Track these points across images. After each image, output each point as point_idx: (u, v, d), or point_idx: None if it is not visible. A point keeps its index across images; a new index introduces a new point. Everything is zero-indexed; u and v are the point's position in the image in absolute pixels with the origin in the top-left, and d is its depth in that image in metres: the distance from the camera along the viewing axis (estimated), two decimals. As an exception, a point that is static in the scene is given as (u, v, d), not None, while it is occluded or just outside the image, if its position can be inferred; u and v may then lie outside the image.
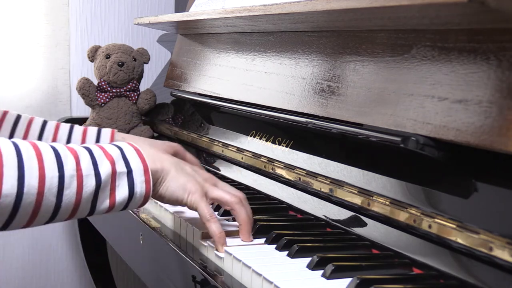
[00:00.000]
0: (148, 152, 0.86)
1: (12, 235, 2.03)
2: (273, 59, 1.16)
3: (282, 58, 1.13)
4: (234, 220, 0.94)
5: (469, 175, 0.72)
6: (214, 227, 0.84)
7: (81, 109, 2.03)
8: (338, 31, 0.99)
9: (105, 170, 0.79)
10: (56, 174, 0.75)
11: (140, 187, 0.82)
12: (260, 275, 0.71)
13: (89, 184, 0.78)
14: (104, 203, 0.80)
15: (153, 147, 1.10)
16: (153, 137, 1.63)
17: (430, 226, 0.74)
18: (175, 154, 1.14)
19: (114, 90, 1.60)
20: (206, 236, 0.87)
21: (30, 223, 0.76)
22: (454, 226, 0.70)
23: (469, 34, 0.74)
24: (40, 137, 1.18)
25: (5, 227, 0.75)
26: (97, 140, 1.19)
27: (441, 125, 0.74)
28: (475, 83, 0.72)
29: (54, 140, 1.17)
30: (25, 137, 1.17)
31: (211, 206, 0.88)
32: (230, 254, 0.78)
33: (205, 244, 0.86)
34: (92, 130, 1.21)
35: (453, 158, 0.75)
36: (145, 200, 0.83)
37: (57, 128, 1.19)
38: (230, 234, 0.89)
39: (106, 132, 1.21)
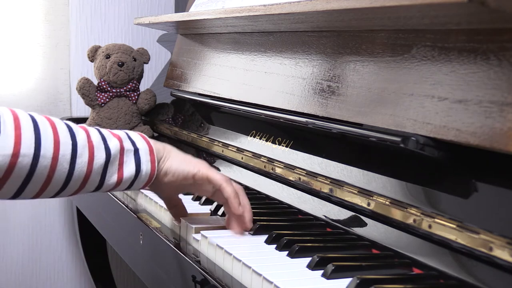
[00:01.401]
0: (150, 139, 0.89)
1: (12, 234, 2.03)
2: (273, 59, 1.16)
3: (282, 58, 1.13)
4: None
5: (469, 175, 0.72)
6: (229, 189, 0.87)
7: (81, 109, 2.03)
8: (338, 31, 0.99)
9: (114, 145, 0.83)
10: (70, 141, 0.78)
11: (146, 165, 0.85)
12: (260, 275, 0.71)
13: (100, 156, 0.81)
14: (112, 177, 0.83)
15: None
16: (153, 137, 1.62)
17: (430, 226, 0.74)
18: None
19: (114, 90, 1.60)
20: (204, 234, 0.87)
21: (42, 192, 0.78)
22: (454, 226, 0.70)
23: (469, 34, 0.74)
24: None
25: (19, 193, 0.77)
26: None
27: (441, 125, 0.74)
28: (475, 83, 0.72)
29: None
30: None
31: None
32: (230, 254, 0.78)
33: (205, 244, 0.86)
34: None
35: (453, 158, 0.75)
36: (149, 180, 0.86)
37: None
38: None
39: None
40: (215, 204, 1.02)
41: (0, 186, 0.75)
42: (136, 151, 0.85)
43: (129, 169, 0.84)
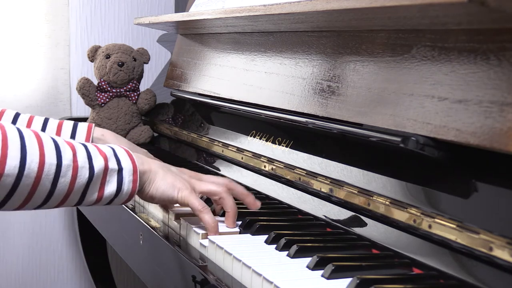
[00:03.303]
0: (137, 155, 0.90)
1: (12, 235, 2.03)
2: (273, 59, 1.16)
3: (282, 58, 1.13)
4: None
5: (469, 175, 0.72)
6: (208, 217, 0.88)
7: (81, 109, 2.03)
8: (338, 31, 0.99)
9: (98, 164, 0.83)
10: (55, 162, 0.79)
11: (128, 185, 0.86)
12: (260, 275, 0.71)
13: (83, 175, 0.82)
14: (93, 195, 0.84)
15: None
16: (153, 137, 1.63)
17: (430, 226, 0.74)
18: None
19: (114, 90, 1.60)
20: (206, 236, 0.87)
21: (23, 206, 0.80)
22: (454, 226, 0.70)
23: (469, 34, 0.74)
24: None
25: (0, 207, 0.78)
26: (72, 134, 1.19)
27: (441, 125, 0.74)
28: (475, 83, 0.72)
29: None
30: None
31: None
32: (230, 254, 0.78)
33: (205, 244, 0.86)
34: (67, 124, 1.20)
35: (453, 158, 0.75)
36: (129, 198, 0.88)
37: (30, 121, 1.18)
38: (231, 233, 0.90)
39: (82, 126, 1.20)
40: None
41: None
42: (120, 171, 0.86)
43: (110, 188, 0.85)
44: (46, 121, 1.18)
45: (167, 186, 0.90)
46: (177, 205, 1.00)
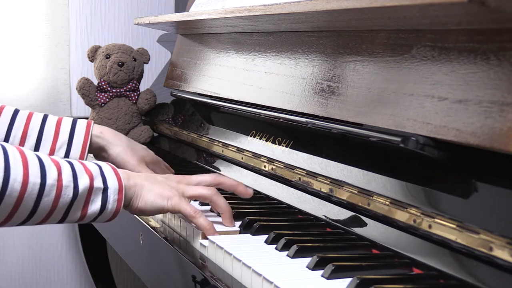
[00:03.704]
0: (122, 171, 0.89)
1: (11, 235, 2.03)
2: (273, 59, 1.16)
3: (282, 58, 1.13)
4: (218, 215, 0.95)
5: (469, 175, 0.72)
6: (202, 221, 0.88)
7: (81, 109, 2.03)
8: (338, 31, 0.99)
9: (83, 183, 0.83)
10: (39, 181, 0.79)
11: (112, 204, 0.86)
12: (260, 275, 0.71)
13: (67, 195, 0.82)
14: (76, 214, 0.84)
15: (133, 149, 1.14)
16: (153, 137, 1.63)
17: (430, 226, 0.74)
18: (153, 163, 1.18)
19: (114, 90, 1.60)
20: (206, 236, 0.87)
21: (5, 223, 0.80)
22: (454, 226, 0.70)
23: (469, 34, 0.74)
24: (10, 126, 1.15)
25: None
26: (71, 131, 1.17)
27: (441, 125, 0.74)
28: (475, 83, 0.72)
29: (25, 129, 1.15)
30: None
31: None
32: (230, 254, 0.78)
33: (206, 244, 0.86)
34: (66, 121, 1.18)
35: (453, 158, 0.75)
36: (113, 216, 0.87)
37: (29, 117, 1.16)
38: (228, 232, 0.90)
39: (81, 123, 1.18)
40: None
41: None
42: (105, 190, 0.85)
43: (94, 207, 0.85)
44: (45, 118, 1.18)
45: (155, 197, 0.89)
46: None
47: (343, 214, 0.90)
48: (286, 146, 1.07)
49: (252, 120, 1.21)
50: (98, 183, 0.85)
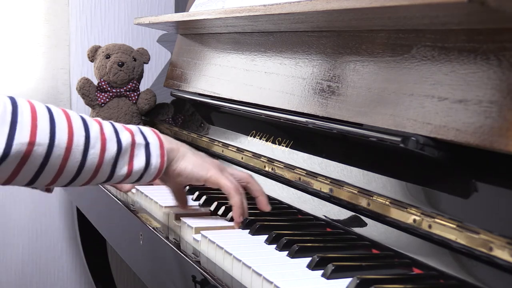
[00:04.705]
0: (164, 136, 0.91)
1: (12, 234, 2.03)
2: (273, 59, 1.16)
3: (282, 58, 1.13)
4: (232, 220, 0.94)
5: (469, 175, 0.72)
6: (236, 199, 0.91)
7: (81, 109, 2.03)
8: (338, 31, 0.99)
9: (125, 138, 0.85)
10: (83, 133, 0.81)
11: (156, 159, 0.87)
12: (260, 275, 0.71)
13: (111, 148, 0.84)
14: (123, 169, 0.85)
15: None
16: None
17: (430, 226, 0.74)
18: None
19: (114, 90, 1.60)
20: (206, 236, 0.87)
21: (56, 180, 0.81)
22: (454, 226, 0.70)
23: (469, 34, 0.74)
24: None
25: (33, 181, 0.80)
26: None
27: (441, 125, 0.74)
28: (475, 83, 0.72)
29: None
30: None
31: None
32: (230, 254, 0.78)
33: (205, 244, 0.86)
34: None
35: (453, 158, 0.75)
36: (158, 173, 0.88)
37: None
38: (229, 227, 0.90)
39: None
40: (215, 204, 1.02)
41: (16, 173, 0.78)
42: (147, 145, 0.87)
43: (139, 162, 0.86)
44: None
45: (195, 165, 0.91)
46: (173, 204, 1.00)
47: (343, 214, 0.90)
48: (286, 146, 1.07)
49: (252, 120, 1.21)
50: (139, 139, 0.87)
